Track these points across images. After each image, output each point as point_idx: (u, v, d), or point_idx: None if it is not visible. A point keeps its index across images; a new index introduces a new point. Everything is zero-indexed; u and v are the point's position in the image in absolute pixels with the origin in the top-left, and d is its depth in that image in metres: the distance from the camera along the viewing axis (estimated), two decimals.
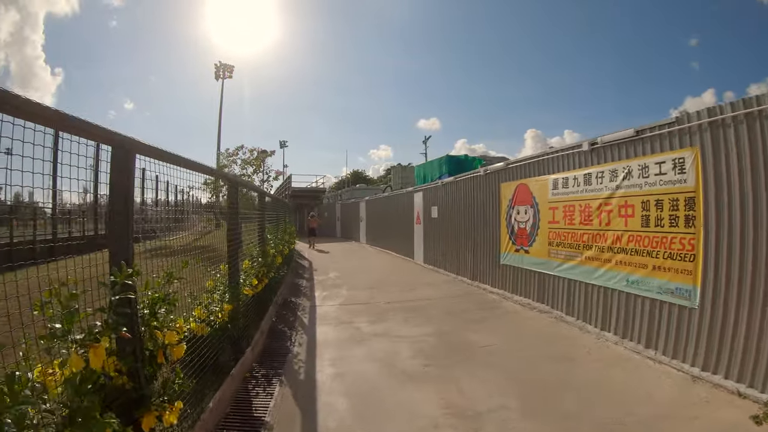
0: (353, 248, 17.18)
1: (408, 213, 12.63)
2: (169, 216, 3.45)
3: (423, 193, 11.41)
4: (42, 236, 6.28)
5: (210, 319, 2.86)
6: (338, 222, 25.47)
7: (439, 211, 10.19)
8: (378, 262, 12.06)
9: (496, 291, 7.38)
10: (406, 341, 4.38)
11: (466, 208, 8.74)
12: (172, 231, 3.41)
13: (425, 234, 11.17)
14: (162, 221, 3.27)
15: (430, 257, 10.84)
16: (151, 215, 3.27)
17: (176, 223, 3.43)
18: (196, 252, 3.27)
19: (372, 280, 8.76)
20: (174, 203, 3.98)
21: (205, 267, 3.39)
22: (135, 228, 2.01)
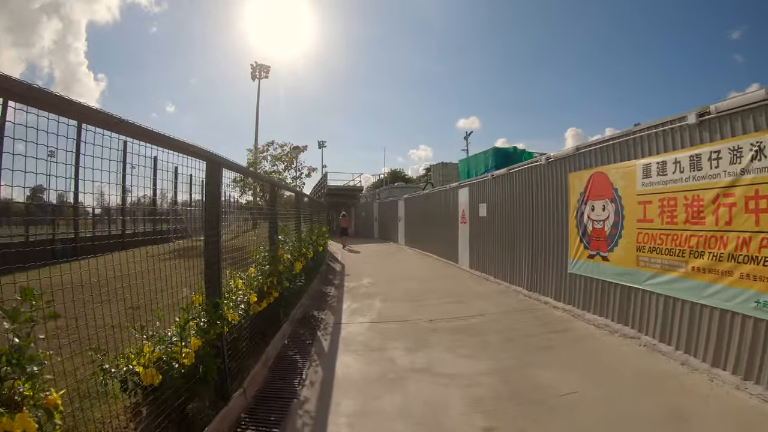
0: (390, 250, 16.23)
1: (451, 211, 11.49)
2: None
3: (469, 188, 10.23)
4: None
5: (167, 361, 1.97)
6: (376, 222, 24.63)
7: (489, 208, 8.99)
8: (417, 267, 11.01)
9: (562, 306, 6.13)
10: (457, 383, 3.31)
11: (522, 205, 7.51)
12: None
13: (471, 235, 9.99)
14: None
15: (477, 262, 9.65)
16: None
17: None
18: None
19: (411, 289, 7.74)
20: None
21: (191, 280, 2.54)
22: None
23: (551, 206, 6.59)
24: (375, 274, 9.75)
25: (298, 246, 6.58)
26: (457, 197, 11.02)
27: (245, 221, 7.57)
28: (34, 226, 5.98)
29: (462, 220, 10.61)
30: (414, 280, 8.76)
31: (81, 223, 6.70)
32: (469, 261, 10.10)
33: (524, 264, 7.41)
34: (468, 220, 10.20)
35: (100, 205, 4.03)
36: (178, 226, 4.69)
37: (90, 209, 5.66)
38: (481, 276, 9.11)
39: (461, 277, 9.17)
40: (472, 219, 9.97)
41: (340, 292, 7.65)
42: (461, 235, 10.68)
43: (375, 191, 32.07)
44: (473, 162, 14.17)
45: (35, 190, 2.38)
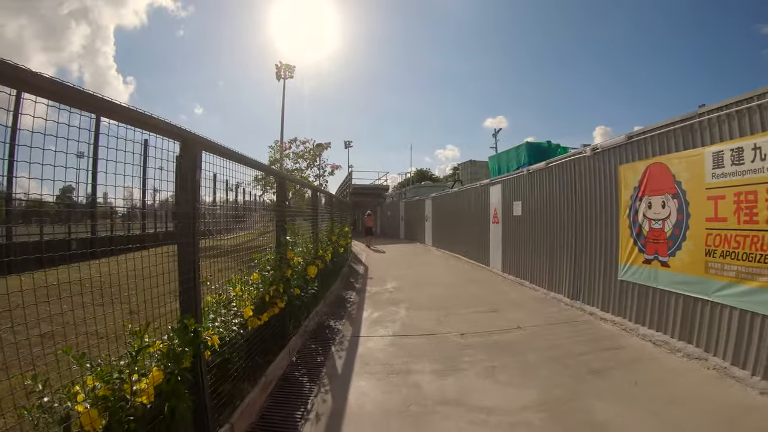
0: (417, 251, 15.68)
1: (482, 210, 10.84)
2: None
3: (502, 185, 9.56)
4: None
5: (115, 400, 1.55)
6: (402, 222, 24.12)
7: (524, 207, 8.32)
8: (446, 270, 10.43)
9: (611, 318, 5.43)
10: (497, 421, 2.73)
11: (563, 203, 6.82)
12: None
13: (504, 236, 9.33)
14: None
15: (510, 265, 8.98)
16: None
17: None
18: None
19: (439, 295, 7.20)
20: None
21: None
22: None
23: (598, 203, 5.90)
24: (400, 277, 9.25)
25: (313, 248, 6.17)
26: (488, 195, 10.37)
27: (264, 220, 7.25)
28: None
29: (494, 220, 9.95)
30: (442, 285, 8.21)
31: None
32: (502, 264, 9.43)
33: (565, 269, 6.72)
34: (500, 220, 9.54)
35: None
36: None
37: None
38: (515, 281, 8.44)
39: (493, 282, 8.54)
40: (505, 218, 9.31)
41: (361, 297, 7.20)
42: (493, 236, 10.03)
43: (401, 190, 31.54)
44: (504, 158, 13.45)
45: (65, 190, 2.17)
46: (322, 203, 8.53)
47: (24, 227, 6.42)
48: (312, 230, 6.32)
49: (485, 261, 10.53)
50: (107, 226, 10.10)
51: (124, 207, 2.53)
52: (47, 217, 4.82)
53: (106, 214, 5.42)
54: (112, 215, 5.39)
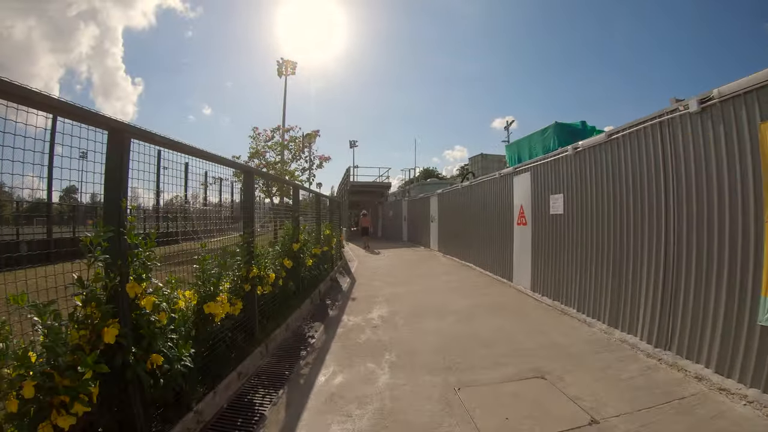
0: (420, 257, 13.36)
1: (502, 208, 8.52)
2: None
3: (531, 174, 7.23)
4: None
5: None
6: (405, 222, 21.81)
7: (568, 201, 5.99)
8: (456, 286, 8.09)
9: (741, 391, 3.12)
10: None
11: (643, 193, 4.50)
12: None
13: (536, 242, 6.99)
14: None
15: (545, 282, 6.65)
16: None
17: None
18: None
19: (447, 334, 4.90)
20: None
21: None
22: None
23: (713, 191, 3.56)
24: (394, 298, 6.95)
25: (264, 263, 3.96)
26: (512, 188, 8.04)
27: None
28: None
29: (519, 220, 7.62)
30: (451, 313, 5.88)
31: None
32: (532, 280, 7.10)
33: (643, 295, 4.40)
34: (529, 220, 7.20)
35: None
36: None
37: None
38: (554, 307, 6.12)
39: (523, 309, 6.20)
40: (536, 218, 6.98)
41: (328, 336, 4.90)
42: (518, 242, 7.69)
43: (405, 188, 29.21)
44: (526, 145, 11.08)
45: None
46: (302, 203, 6.26)
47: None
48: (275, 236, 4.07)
49: (506, 274, 8.21)
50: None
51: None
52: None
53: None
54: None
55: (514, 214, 7.88)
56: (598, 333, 4.92)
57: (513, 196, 7.94)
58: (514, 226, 7.84)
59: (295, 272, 5.86)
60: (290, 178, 15.52)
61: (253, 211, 4.28)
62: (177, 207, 5.15)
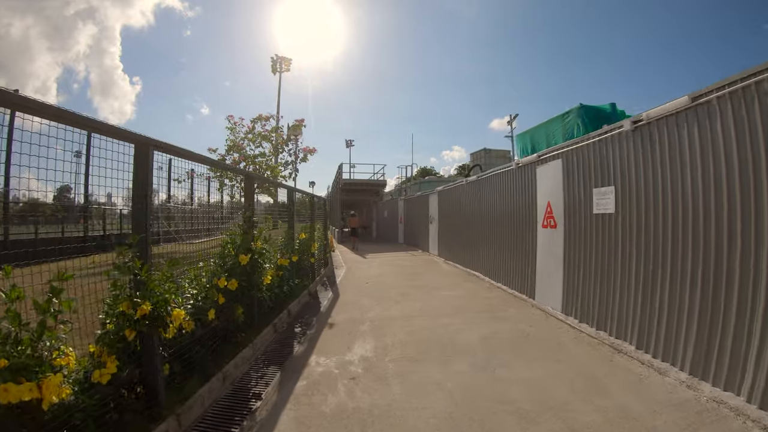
0: (418, 264, 11.78)
1: (521, 207, 6.96)
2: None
3: (564, 161, 5.67)
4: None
5: None
6: (401, 224, 20.24)
7: (623, 197, 4.41)
8: (463, 307, 6.48)
9: None
10: None
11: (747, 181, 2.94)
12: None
13: (570, 249, 5.43)
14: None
15: (584, 304, 5.09)
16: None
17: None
18: None
19: (461, 400, 3.29)
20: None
21: None
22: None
23: None
24: (383, 325, 5.36)
25: (166, 293, 2.39)
26: (534, 181, 6.48)
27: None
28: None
29: (545, 222, 6.06)
30: (462, 353, 4.29)
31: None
32: (563, 300, 5.54)
33: (758, 336, 2.85)
34: (561, 221, 5.65)
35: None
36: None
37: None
38: (598, 339, 4.56)
39: (560, 344, 4.61)
40: (571, 218, 5.42)
41: (281, 397, 3.29)
42: (544, 249, 6.13)
43: (401, 186, 27.64)
44: (543, 132, 9.54)
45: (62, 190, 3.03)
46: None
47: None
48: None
49: (527, 289, 6.65)
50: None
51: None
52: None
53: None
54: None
55: (537, 214, 6.32)
56: (680, 388, 3.35)
57: (536, 191, 6.38)
58: (538, 228, 6.28)
59: (244, 295, 4.26)
60: (273, 174, 13.92)
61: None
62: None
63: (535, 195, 6.43)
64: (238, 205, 10.32)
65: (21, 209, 10.58)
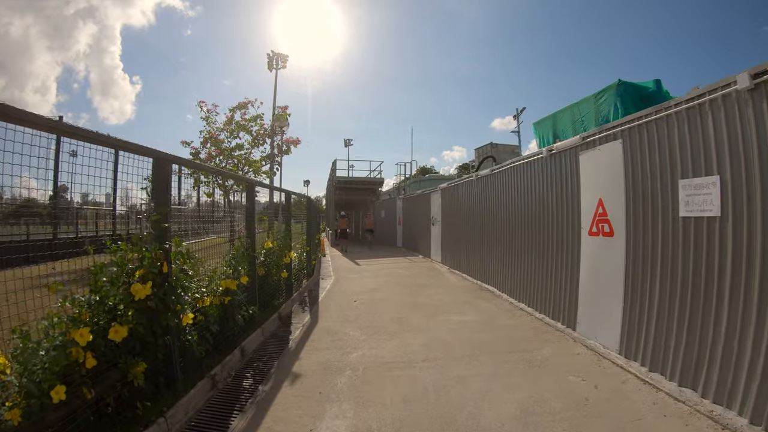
0: (418, 273, 10.24)
1: (555, 207, 5.45)
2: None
3: (626, 142, 4.13)
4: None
5: None
6: (399, 226, 18.72)
7: (733, 193, 2.86)
8: (484, 343, 4.88)
9: None
10: None
11: None
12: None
13: (636, 267, 3.91)
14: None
15: (661, 348, 3.56)
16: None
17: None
18: None
19: None
20: None
21: None
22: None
23: None
24: (370, 380, 3.82)
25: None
26: (576, 173, 4.96)
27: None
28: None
29: (595, 228, 4.53)
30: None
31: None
32: (623, 338, 4.02)
33: None
34: (621, 227, 4.12)
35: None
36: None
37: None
38: (687, 404, 3.03)
39: (642, 419, 3.07)
40: (639, 224, 3.89)
41: None
42: (591, 265, 4.60)
43: (400, 185, 26.10)
44: (567, 118, 8.01)
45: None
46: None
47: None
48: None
49: (565, 317, 5.12)
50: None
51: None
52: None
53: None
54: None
55: (581, 216, 4.80)
56: None
57: (579, 186, 4.86)
58: (582, 235, 4.75)
59: (148, 344, 2.72)
60: (254, 170, 12.40)
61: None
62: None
63: (576, 191, 4.90)
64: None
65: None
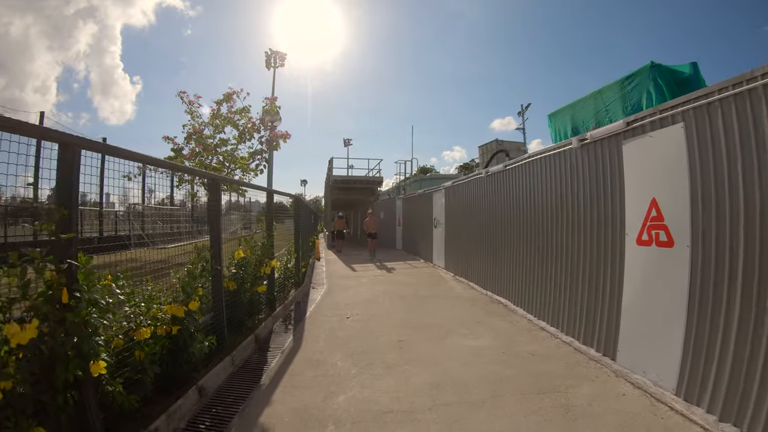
0: (420, 281, 9.36)
1: (588, 209, 4.55)
2: None
3: (690, 126, 3.23)
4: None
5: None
6: (399, 227, 17.85)
7: None
8: (503, 381, 3.98)
9: None
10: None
11: None
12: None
13: (706, 287, 3.01)
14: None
15: (749, 395, 2.67)
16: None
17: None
18: None
19: None
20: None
21: None
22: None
23: None
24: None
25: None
26: (619, 167, 4.07)
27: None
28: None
29: (647, 235, 3.64)
30: None
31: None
32: (683, 374, 3.15)
33: None
34: (686, 236, 3.23)
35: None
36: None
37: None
38: None
39: None
40: (712, 231, 3.00)
41: None
42: (644, 282, 3.71)
43: (399, 184, 25.20)
44: (590, 106, 7.18)
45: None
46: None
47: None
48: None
49: (601, 341, 4.23)
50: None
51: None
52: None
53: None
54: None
55: (625, 220, 3.92)
56: None
57: (623, 183, 3.98)
58: (627, 243, 3.87)
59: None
60: (240, 167, 11.52)
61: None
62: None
63: (619, 189, 4.02)
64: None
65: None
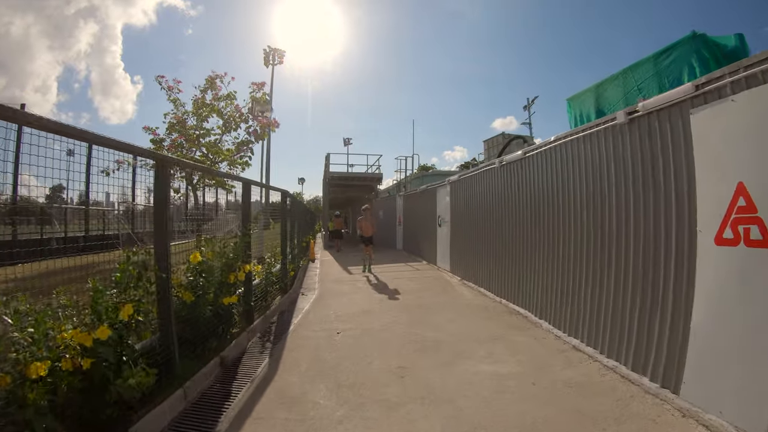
0: (424, 287, 8.45)
1: (640, 200, 3.62)
2: None
3: None
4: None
5: None
6: (399, 226, 16.95)
7: None
8: (540, 429, 3.13)
9: None
10: None
11: None
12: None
13: None
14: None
15: None
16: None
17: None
18: None
19: None
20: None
21: None
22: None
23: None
24: None
25: None
26: (685, 148, 3.15)
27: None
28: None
29: (731, 231, 2.72)
30: None
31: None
32: None
33: None
34: None
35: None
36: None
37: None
38: None
39: None
40: None
41: None
42: (727, 294, 2.77)
43: (400, 182, 24.31)
44: (618, 87, 6.32)
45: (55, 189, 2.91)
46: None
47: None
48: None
49: (660, 371, 3.31)
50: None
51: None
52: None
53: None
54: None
55: (696, 215, 3.00)
56: None
57: (692, 165, 3.06)
58: (700, 245, 2.96)
59: None
60: (225, 159, 10.64)
61: None
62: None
63: (687, 172, 3.10)
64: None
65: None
